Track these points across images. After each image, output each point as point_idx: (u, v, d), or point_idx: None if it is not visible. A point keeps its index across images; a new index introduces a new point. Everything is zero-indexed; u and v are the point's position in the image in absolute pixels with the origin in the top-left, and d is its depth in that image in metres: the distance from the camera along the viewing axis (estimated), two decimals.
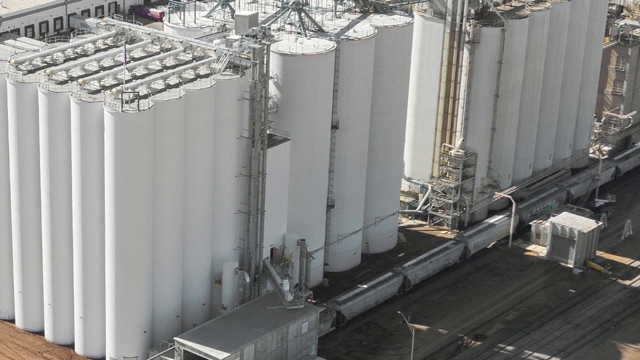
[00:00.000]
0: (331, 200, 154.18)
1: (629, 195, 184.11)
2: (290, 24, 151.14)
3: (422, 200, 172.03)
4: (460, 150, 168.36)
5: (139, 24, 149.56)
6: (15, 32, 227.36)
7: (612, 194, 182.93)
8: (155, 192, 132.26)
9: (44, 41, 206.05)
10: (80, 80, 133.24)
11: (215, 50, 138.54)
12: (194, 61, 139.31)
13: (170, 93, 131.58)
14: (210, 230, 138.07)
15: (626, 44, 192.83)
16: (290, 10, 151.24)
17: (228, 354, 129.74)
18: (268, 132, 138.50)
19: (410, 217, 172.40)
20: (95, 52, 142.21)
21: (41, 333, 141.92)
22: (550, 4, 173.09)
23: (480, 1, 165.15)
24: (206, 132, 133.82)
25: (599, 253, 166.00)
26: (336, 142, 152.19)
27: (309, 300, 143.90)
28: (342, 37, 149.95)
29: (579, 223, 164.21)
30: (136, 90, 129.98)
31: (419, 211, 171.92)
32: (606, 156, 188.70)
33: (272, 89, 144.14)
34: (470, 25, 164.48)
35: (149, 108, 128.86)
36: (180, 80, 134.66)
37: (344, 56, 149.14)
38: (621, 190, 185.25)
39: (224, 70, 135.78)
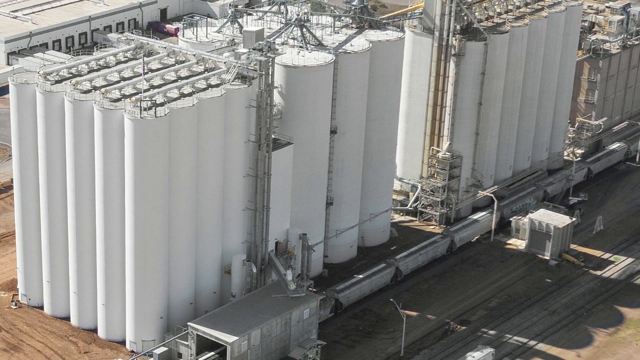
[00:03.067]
0: (330, 199, 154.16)
1: (599, 194, 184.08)
2: (293, 38, 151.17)
3: (412, 198, 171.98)
4: (447, 153, 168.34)
5: (156, 39, 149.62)
6: (44, 46, 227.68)
7: (585, 192, 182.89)
8: (171, 190, 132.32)
9: (69, 54, 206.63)
10: (102, 89, 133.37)
11: (225, 63, 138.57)
12: (206, 72, 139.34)
13: (184, 101, 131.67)
14: (221, 225, 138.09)
15: (597, 57, 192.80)
16: (293, 26, 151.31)
17: (237, 338, 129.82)
18: (273, 136, 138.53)
19: (401, 214, 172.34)
20: (116, 64, 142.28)
21: (67, 319, 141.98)
22: (529, 20, 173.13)
23: (465, 18, 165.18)
24: (217, 137, 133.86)
25: (572, 246, 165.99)
26: (334, 146, 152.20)
27: (310, 289, 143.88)
28: (340, 50, 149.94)
29: (554, 219, 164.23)
30: (153, 98, 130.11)
31: (410, 208, 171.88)
32: (579, 158, 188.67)
33: (277, 98, 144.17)
34: (456, 39, 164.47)
35: (165, 115, 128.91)
36: (193, 90, 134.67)
37: (342, 68, 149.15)
38: (593, 189, 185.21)
39: (233, 81, 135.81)
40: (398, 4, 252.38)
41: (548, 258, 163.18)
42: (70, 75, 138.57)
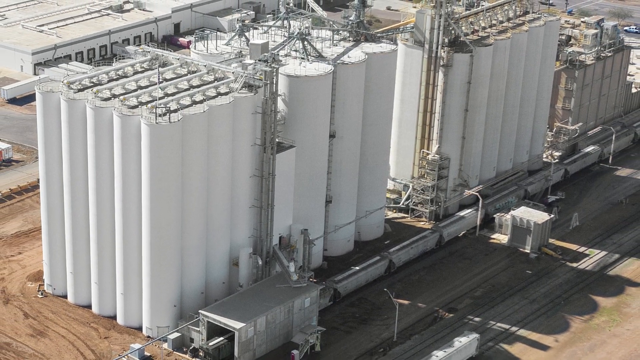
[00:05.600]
0: (329, 197, 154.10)
1: (576, 193, 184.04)
2: (295, 50, 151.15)
3: (404, 197, 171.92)
4: (436, 155, 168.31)
5: (170, 51, 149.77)
6: (68, 58, 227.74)
7: (562, 191, 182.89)
8: (184, 190, 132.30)
9: (91, 65, 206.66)
10: (121, 97, 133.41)
11: (233, 73, 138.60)
12: (216, 81, 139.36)
13: (196, 108, 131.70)
14: (229, 221, 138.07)
15: (573, 67, 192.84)
16: (295, 39, 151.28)
17: (244, 324, 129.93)
18: (277, 140, 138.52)
19: (394, 211, 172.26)
20: (134, 74, 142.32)
21: (89, 307, 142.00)
22: (511, 34, 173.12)
23: (453, 32, 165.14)
24: (225, 140, 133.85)
25: (551, 240, 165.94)
26: (333, 149, 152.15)
27: (311, 279, 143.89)
28: (338, 61, 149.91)
29: (534, 215, 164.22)
30: (168, 105, 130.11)
31: (402, 206, 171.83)
32: (557, 160, 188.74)
33: (280, 105, 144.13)
34: (444, 51, 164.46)
35: (178, 120, 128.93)
36: (204, 97, 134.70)
37: (340, 77, 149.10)
38: (569, 188, 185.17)
39: (240, 89, 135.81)
40: (391, 19, 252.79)
41: (528, 251, 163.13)
42: (92, 84, 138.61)
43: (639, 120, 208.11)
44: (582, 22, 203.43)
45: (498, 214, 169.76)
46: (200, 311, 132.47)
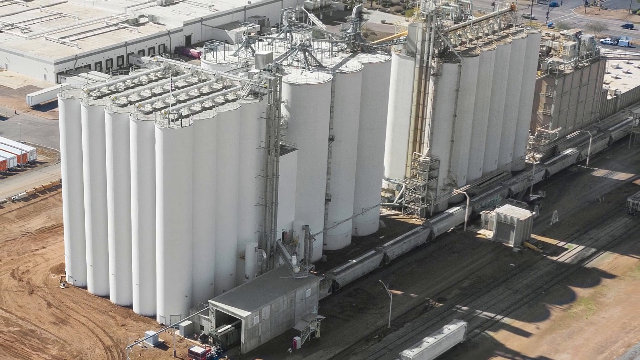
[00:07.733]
0: (328, 196, 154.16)
1: (555, 192, 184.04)
2: (297, 60, 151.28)
3: (397, 195, 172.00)
4: (427, 157, 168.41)
5: (182, 61, 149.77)
6: (88, 67, 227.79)
7: (543, 190, 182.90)
8: (194, 189, 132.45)
9: (109, 74, 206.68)
10: (136, 103, 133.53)
11: (239, 81, 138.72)
12: (224, 89, 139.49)
13: (206, 113, 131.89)
14: (236, 218, 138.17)
15: (553, 76, 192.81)
16: (297, 50, 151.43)
17: (250, 313, 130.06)
18: (280, 143, 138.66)
19: (388, 208, 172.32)
20: (148, 82, 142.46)
21: (107, 297, 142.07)
22: (496, 45, 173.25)
23: (442, 43, 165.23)
24: (233, 143, 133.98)
25: (533, 235, 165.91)
26: (332, 151, 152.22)
27: (312, 271, 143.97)
28: (336, 70, 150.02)
29: (517, 213, 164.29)
30: (180, 111, 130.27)
31: (396, 204, 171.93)
32: (538, 162, 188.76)
33: (284, 110, 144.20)
34: (434, 62, 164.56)
35: (190, 125, 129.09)
36: (213, 104, 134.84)
37: (338, 85, 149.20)
38: (550, 188, 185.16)
39: (246, 96, 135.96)
40: (386, 32, 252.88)
41: (512, 246, 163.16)
42: (110, 91, 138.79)
43: (614, 125, 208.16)
44: (561, 34, 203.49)
45: (484, 211, 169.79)
46: (209, 301, 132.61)
